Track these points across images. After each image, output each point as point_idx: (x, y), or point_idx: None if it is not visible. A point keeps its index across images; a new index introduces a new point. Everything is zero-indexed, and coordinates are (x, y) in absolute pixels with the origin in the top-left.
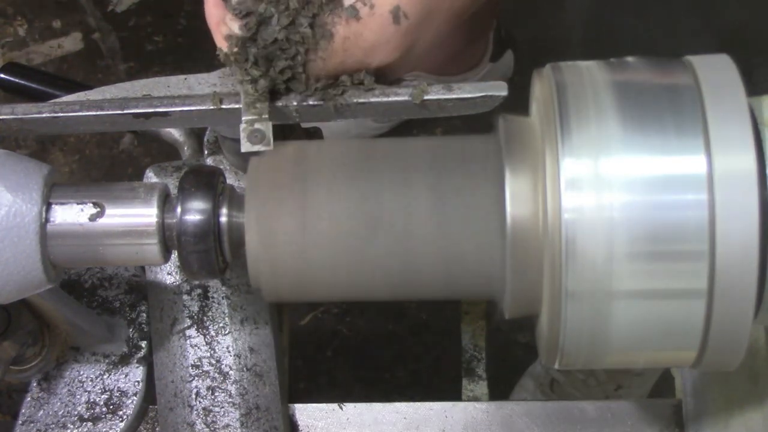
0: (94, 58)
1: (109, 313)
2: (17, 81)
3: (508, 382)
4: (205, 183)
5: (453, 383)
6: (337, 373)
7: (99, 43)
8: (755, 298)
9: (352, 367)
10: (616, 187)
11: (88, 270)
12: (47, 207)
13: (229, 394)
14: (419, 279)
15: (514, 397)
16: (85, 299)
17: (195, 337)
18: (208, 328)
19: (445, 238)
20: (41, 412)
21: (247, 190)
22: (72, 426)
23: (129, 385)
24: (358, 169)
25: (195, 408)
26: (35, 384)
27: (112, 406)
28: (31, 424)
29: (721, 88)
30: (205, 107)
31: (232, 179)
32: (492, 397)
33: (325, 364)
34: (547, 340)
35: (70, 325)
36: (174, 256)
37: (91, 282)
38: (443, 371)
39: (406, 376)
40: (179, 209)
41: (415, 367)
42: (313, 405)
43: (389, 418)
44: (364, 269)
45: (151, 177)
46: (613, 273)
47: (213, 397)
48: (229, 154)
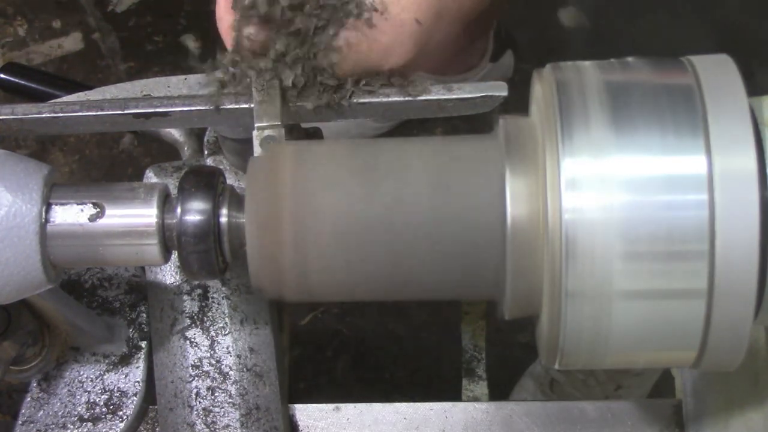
0: (94, 58)
1: (109, 313)
2: (17, 81)
3: (508, 382)
4: (205, 183)
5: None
6: (337, 373)
7: (99, 43)
8: (755, 298)
9: (352, 367)
10: (617, 187)
11: (88, 270)
12: (47, 207)
13: (229, 394)
14: (419, 279)
15: (514, 397)
16: (85, 299)
17: (195, 338)
18: (208, 329)
19: (444, 238)
20: (41, 412)
21: (247, 190)
22: (72, 426)
23: (129, 385)
24: (358, 169)
25: (195, 408)
26: (35, 384)
27: (112, 406)
28: (31, 424)
29: (722, 88)
30: (205, 107)
31: (232, 179)
32: (492, 397)
33: (325, 364)
34: (547, 340)
35: (70, 325)
36: (174, 256)
37: (91, 282)
38: (443, 371)
39: (406, 376)
40: (179, 209)
41: (415, 367)
42: (313, 405)
43: (389, 418)
44: (364, 269)
45: (151, 177)
46: (614, 273)
47: (213, 397)
48: (229, 154)
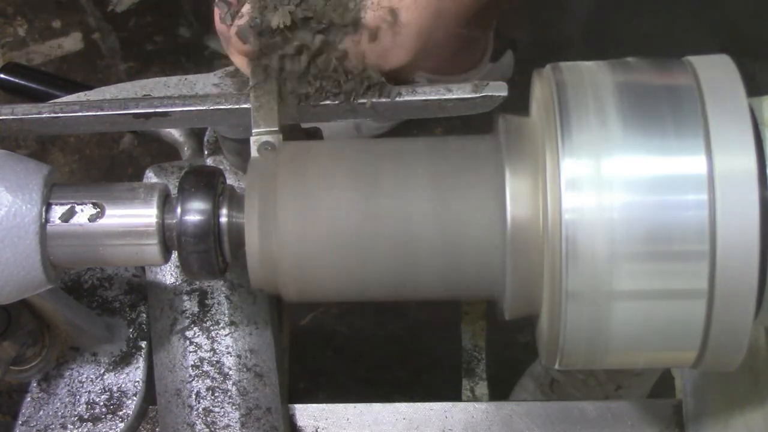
0: (94, 58)
1: (109, 313)
2: (17, 81)
3: (508, 382)
4: (205, 183)
5: (453, 383)
6: (337, 373)
7: (99, 43)
8: (755, 298)
9: (352, 367)
10: (617, 187)
11: (88, 270)
12: (47, 207)
13: (229, 394)
14: (419, 279)
15: (514, 397)
16: (85, 299)
17: (195, 338)
18: (209, 329)
19: (445, 238)
20: (41, 412)
21: (247, 190)
22: (72, 426)
23: (129, 385)
24: (358, 170)
25: (195, 408)
26: (35, 384)
27: (112, 406)
28: (31, 424)
29: (722, 88)
30: (205, 107)
31: (232, 179)
32: (492, 397)
33: (325, 364)
34: (547, 340)
35: (70, 325)
36: (174, 256)
37: (91, 282)
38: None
39: (406, 376)
40: (179, 210)
41: (415, 367)
42: (313, 405)
43: (389, 418)
44: (364, 269)
45: (151, 177)
46: (614, 273)
47: (213, 397)
48: (229, 154)
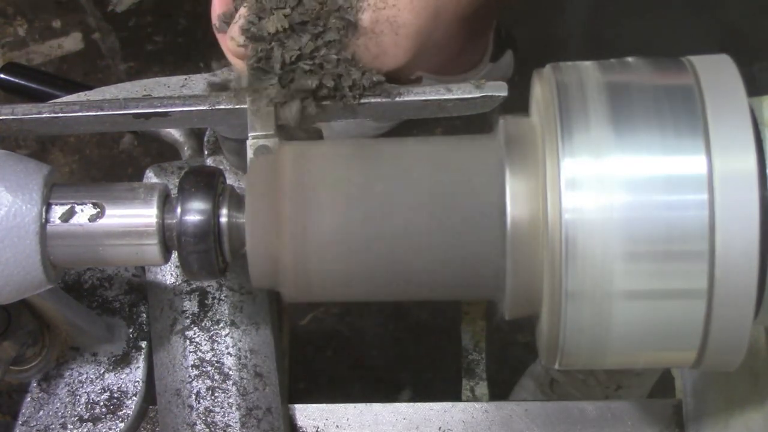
0: (94, 58)
1: (109, 313)
2: (17, 81)
3: (508, 382)
4: (205, 183)
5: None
6: (337, 373)
7: (99, 43)
8: (755, 298)
9: (352, 367)
10: (617, 187)
11: (88, 270)
12: (47, 207)
13: (229, 394)
14: (419, 279)
15: (514, 397)
16: (85, 299)
17: (195, 338)
18: (209, 329)
19: (445, 238)
20: (41, 412)
21: (247, 190)
22: (72, 426)
23: (129, 385)
24: (358, 169)
25: (195, 408)
26: (35, 384)
27: (112, 406)
28: (31, 424)
29: (722, 88)
30: (205, 107)
31: (232, 179)
32: (492, 397)
33: (325, 364)
34: (547, 340)
35: (70, 325)
36: (174, 256)
37: (91, 282)
38: (443, 371)
39: (406, 376)
40: (179, 210)
41: (415, 367)
42: (313, 405)
43: (389, 418)
44: (364, 269)
45: (151, 177)
46: (614, 273)
47: (213, 397)
48: (229, 154)
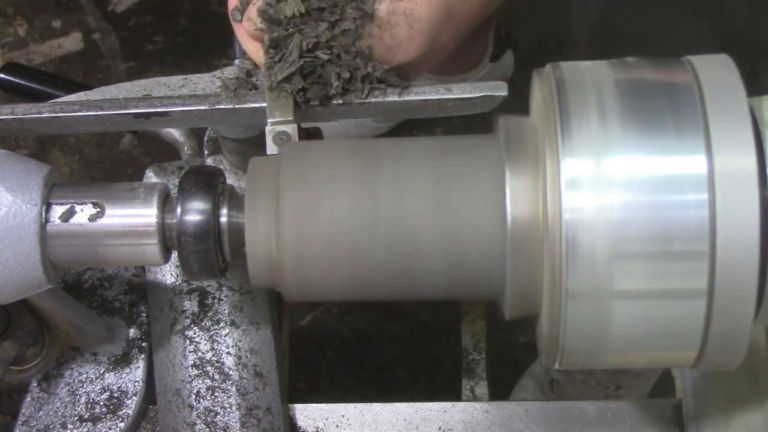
0: (94, 58)
1: (109, 313)
2: (17, 81)
3: (508, 382)
4: (205, 183)
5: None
6: (337, 373)
7: (99, 43)
8: (755, 298)
9: (352, 367)
10: (617, 187)
11: (88, 270)
12: (47, 207)
13: (229, 394)
14: (419, 279)
15: (514, 397)
16: (85, 299)
17: (195, 338)
18: (209, 329)
19: (445, 238)
20: (41, 412)
21: (247, 190)
22: (72, 426)
23: (129, 385)
24: (358, 170)
25: (195, 408)
26: (35, 384)
27: (112, 406)
28: (31, 424)
29: (722, 88)
30: (205, 107)
31: (232, 179)
32: (492, 397)
33: (325, 364)
34: (547, 340)
35: (70, 325)
36: (174, 256)
37: (91, 282)
38: (443, 371)
39: (406, 376)
40: (179, 209)
41: (415, 367)
42: (313, 405)
43: (389, 418)
44: (365, 269)
45: (151, 177)
46: (614, 273)
47: (213, 397)
48: (229, 154)
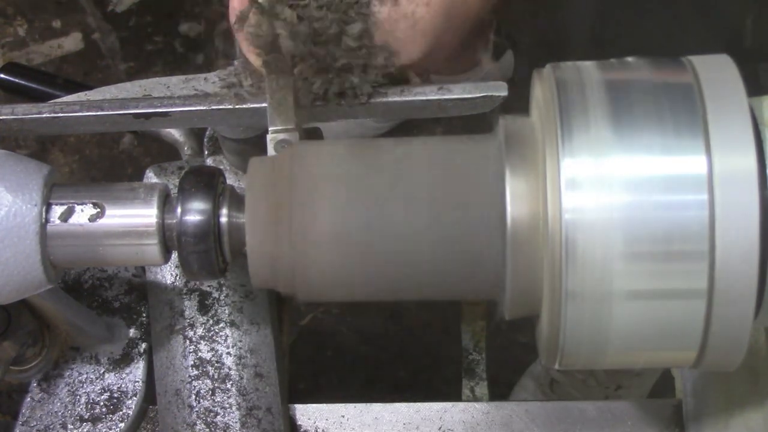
0: (94, 58)
1: (109, 313)
2: (17, 81)
3: (508, 382)
4: (205, 183)
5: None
6: (337, 373)
7: (99, 43)
8: (755, 298)
9: (352, 367)
10: (617, 187)
11: (88, 270)
12: (47, 207)
13: (229, 394)
14: (419, 279)
15: (514, 397)
16: (85, 299)
17: (195, 338)
18: (209, 329)
19: (445, 238)
20: (41, 412)
21: (247, 190)
22: (72, 426)
23: (129, 385)
24: (358, 170)
25: (195, 408)
26: (35, 384)
27: (112, 406)
28: (31, 424)
29: (722, 88)
30: (205, 107)
31: (232, 179)
32: (492, 397)
33: (325, 364)
34: (547, 340)
35: (70, 325)
36: (174, 256)
37: (91, 282)
38: (443, 371)
39: (406, 376)
40: (179, 210)
41: (415, 367)
42: (313, 405)
43: (389, 418)
44: (364, 269)
45: (151, 177)
46: (614, 273)
47: (213, 397)
48: (229, 154)
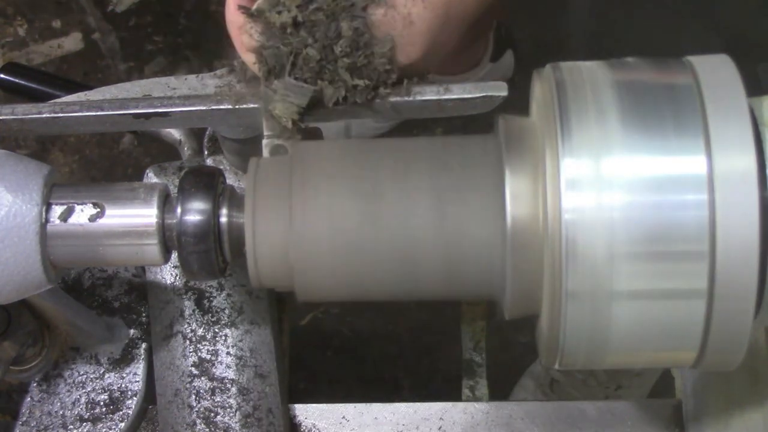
0: (94, 58)
1: (109, 313)
2: (17, 81)
3: (508, 382)
4: (205, 183)
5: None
6: (337, 373)
7: (99, 43)
8: (755, 298)
9: (352, 367)
10: (617, 187)
11: (88, 270)
12: (47, 207)
13: (229, 394)
14: (419, 279)
15: (514, 397)
16: (85, 299)
17: (195, 338)
18: (209, 329)
19: (445, 238)
20: (41, 412)
21: (247, 190)
22: (72, 426)
23: (129, 385)
24: (358, 170)
25: (195, 408)
26: (35, 384)
27: (112, 406)
28: (31, 424)
29: (721, 88)
30: (205, 107)
31: (232, 179)
32: (492, 397)
33: (325, 364)
34: (547, 340)
35: (70, 325)
36: (174, 256)
37: (91, 282)
38: (443, 371)
39: (406, 376)
40: (179, 210)
41: (415, 367)
42: (313, 405)
43: (389, 418)
44: (364, 270)
45: (151, 177)
46: (614, 273)
47: (213, 397)
48: (229, 154)
